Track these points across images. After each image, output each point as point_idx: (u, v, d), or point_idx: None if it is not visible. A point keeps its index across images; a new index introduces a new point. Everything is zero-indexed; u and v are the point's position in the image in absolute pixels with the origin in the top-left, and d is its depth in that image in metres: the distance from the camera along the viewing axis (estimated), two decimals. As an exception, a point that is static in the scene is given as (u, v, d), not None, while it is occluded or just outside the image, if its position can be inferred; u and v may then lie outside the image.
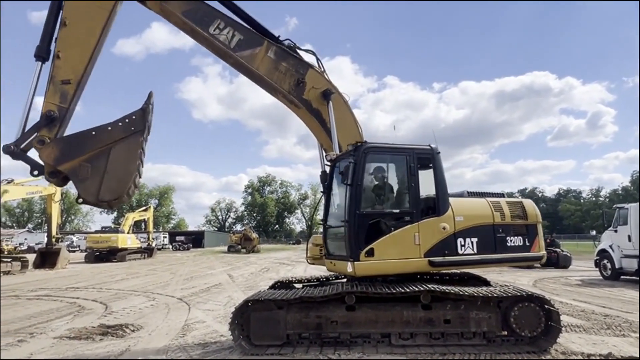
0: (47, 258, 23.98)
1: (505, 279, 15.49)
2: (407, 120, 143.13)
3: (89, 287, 14.11)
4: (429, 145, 6.45)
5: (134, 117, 5.59)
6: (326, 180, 6.90)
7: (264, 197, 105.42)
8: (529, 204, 6.92)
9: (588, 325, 7.32)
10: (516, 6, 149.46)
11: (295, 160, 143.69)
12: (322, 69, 6.85)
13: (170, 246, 63.40)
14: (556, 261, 20.22)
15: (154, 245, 40.30)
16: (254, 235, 47.09)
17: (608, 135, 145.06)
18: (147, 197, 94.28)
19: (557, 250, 20.88)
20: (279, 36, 6.72)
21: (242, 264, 25.79)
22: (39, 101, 5.73)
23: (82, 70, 5.79)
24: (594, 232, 20.47)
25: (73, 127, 5.92)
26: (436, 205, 6.21)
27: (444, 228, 6.13)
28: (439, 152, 6.46)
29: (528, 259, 6.68)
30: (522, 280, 14.63)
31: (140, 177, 5.71)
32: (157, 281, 16.06)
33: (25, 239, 57.42)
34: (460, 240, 6.19)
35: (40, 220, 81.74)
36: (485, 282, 6.81)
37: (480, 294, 5.62)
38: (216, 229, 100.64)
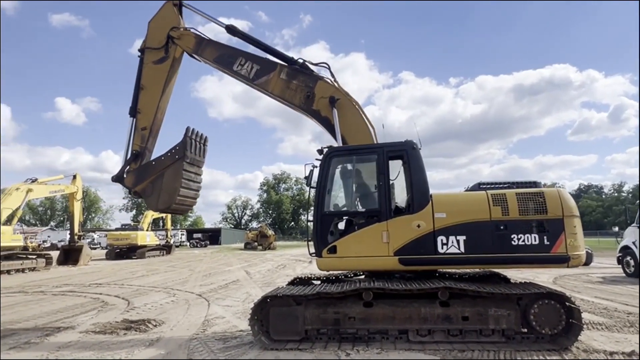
0: (70, 255, 24.63)
1: (525, 276, 15.29)
2: (423, 116, 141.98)
3: (110, 284, 14.46)
4: (404, 142, 6.35)
5: (177, 147, 7.42)
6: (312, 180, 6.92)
7: (280, 194, 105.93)
8: (552, 195, 5.90)
9: (610, 323, 7.20)
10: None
11: (311, 158, 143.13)
12: (333, 79, 7.15)
13: (188, 243, 64.36)
14: (577, 258, 19.85)
15: (172, 242, 40.96)
16: (270, 232, 47.44)
17: (631, 129, 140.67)
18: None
19: (578, 246, 20.49)
20: (293, 58, 7.34)
21: (259, 261, 26.03)
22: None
23: (152, 118, 7.94)
24: (616, 229, 19.95)
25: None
26: (410, 203, 6.11)
27: (418, 226, 5.96)
28: (415, 148, 6.29)
29: (546, 260, 5.75)
30: (542, 278, 14.43)
31: (193, 189, 7.63)
32: (176, 278, 16.35)
33: (49, 236, 58.99)
34: (441, 239, 5.87)
35: (62, 218, 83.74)
36: (506, 280, 6.70)
37: (499, 291, 5.56)
38: (232, 226, 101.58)
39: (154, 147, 8.08)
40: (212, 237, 71.49)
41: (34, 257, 21.34)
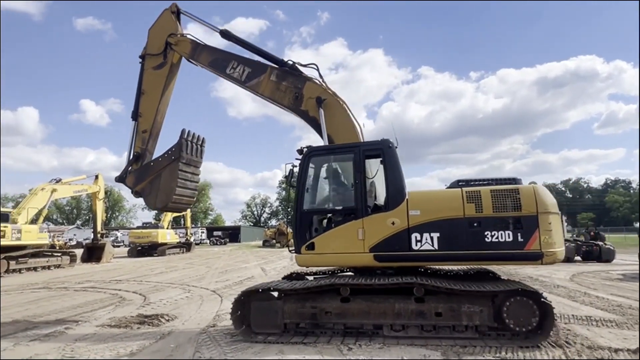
0: (93, 252, 25.41)
1: (541, 272, 15.07)
2: (443, 112, 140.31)
3: (130, 280, 14.91)
4: (380, 140, 6.44)
5: (173, 149, 7.80)
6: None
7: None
8: (527, 191, 5.82)
9: (622, 320, 7.08)
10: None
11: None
12: (321, 80, 7.32)
13: (208, 241, 65.38)
14: (598, 255, 19.44)
15: (192, 240, 41.70)
16: (288, 230, 47.77)
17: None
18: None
19: (599, 243, 20.03)
20: (284, 60, 7.48)
21: (276, 258, 26.32)
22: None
23: (152, 122, 8.34)
24: (637, 224, 19.44)
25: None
26: (386, 201, 6.19)
27: (392, 223, 6.02)
28: (391, 147, 6.34)
29: (519, 257, 5.70)
30: (559, 275, 14.21)
31: (190, 189, 8.02)
32: (193, 274, 16.72)
33: (75, 234, 60.86)
34: (415, 236, 5.93)
35: (87, 217, 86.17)
36: (494, 277, 6.75)
37: (472, 288, 5.60)
38: (252, 224, 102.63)
39: (154, 149, 8.46)
40: (232, 234, 72.43)
41: (59, 254, 22.12)
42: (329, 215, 6.56)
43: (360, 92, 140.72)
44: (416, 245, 5.92)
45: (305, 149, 6.65)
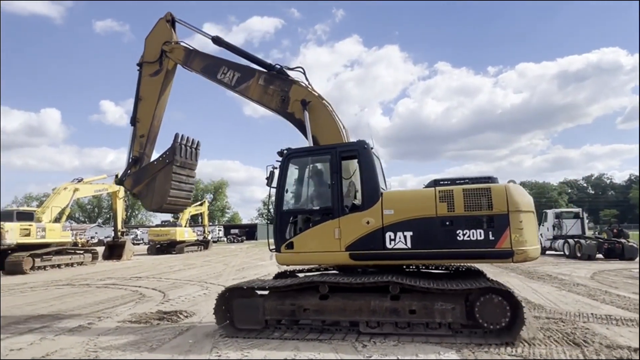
0: (114, 250, 25.98)
1: (561, 270, 14.84)
2: (460, 107, 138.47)
3: (149, 277, 15.24)
4: (356, 142, 6.62)
5: (167, 153, 8.17)
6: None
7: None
8: (498, 190, 5.83)
9: (643, 319, 6.93)
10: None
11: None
12: (307, 83, 7.48)
13: (225, 239, 66.15)
14: (621, 253, 18.99)
15: (209, 238, 42.29)
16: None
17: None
18: (203, 192, 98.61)
19: (622, 241, 19.56)
20: (272, 64, 7.68)
21: (292, 256, 26.44)
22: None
23: (149, 127, 8.65)
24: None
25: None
26: (362, 200, 6.33)
27: (367, 222, 6.13)
28: (366, 148, 6.47)
29: (490, 255, 5.76)
30: (580, 273, 13.95)
31: (185, 190, 8.36)
32: (211, 272, 16.98)
33: (96, 232, 62.26)
34: (389, 235, 6.05)
35: (108, 216, 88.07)
36: (478, 274, 6.85)
37: (445, 286, 5.68)
38: (268, 222, 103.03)
39: (152, 152, 8.80)
40: (249, 232, 73.08)
41: (82, 252, 22.73)
42: (308, 215, 6.73)
43: (376, 89, 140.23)
44: (390, 244, 6.05)
45: (285, 151, 6.86)
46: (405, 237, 6.00)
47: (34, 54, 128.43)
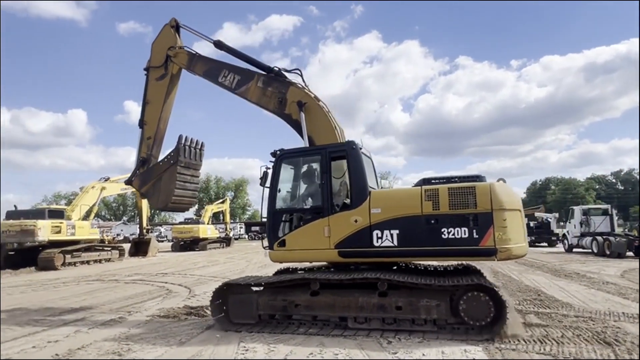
0: (139, 247, 26.69)
1: (589, 268, 14.49)
2: (483, 102, 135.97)
3: (175, 273, 15.60)
4: (345, 142, 6.79)
5: (172, 153, 8.46)
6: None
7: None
8: (483, 189, 5.86)
9: (678, 318, 6.73)
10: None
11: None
12: (304, 85, 7.64)
13: (246, 236, 66.86)
14: (652, 250, 18.37)
15: (231, 235, 42.83)
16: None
17: None
18: (224, 190, 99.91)
19: (653, 238, 18.92)
20: (270, 67, 7.85)
21: (313, 253, 26.56)
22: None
23: (155, 129, 8.92)
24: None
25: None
26: (350, 199, 6.48)
27: (355, 221, 6.27)
28: (355, 148, 6.62)
29: (474, 253, 5.84)
30: (609, 271, 13.60)
31: (190, 190, 8.68)
32: (234, 268, 17.25)
33: (122, 230, 63.93)
34: (376, 233, 6.17)
35: (133, 214, 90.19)
36: (468, 272, 6.88)
37: (430, 283, 5.82)
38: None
39: (159, 154, 9.09)
40: (269, 230, 73.32)
41: (109, 249, 23.41)
42: (299, 214, 6.93)
43: (396, 85, 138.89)
44: (377, 241, 6.19)
45: (278, 152, 7.07)
46: (391, 235, 6.13)
47: (60, 57, 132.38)
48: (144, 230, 27.57)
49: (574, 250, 22.98)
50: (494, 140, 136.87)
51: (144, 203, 27.38)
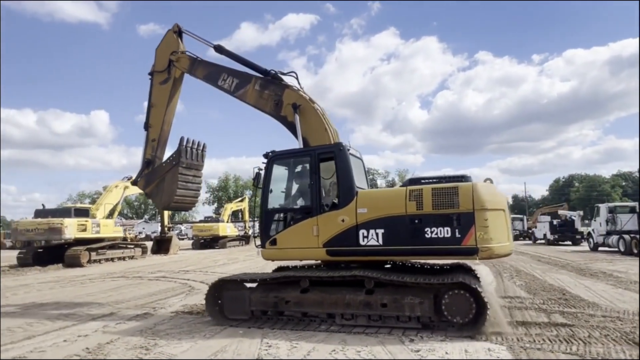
0: (161, 245, 27.11)
1: (616, 268, 14.12)
2: (503, 98, 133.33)
3: (196, 271, 15.86)
4: (333, 144, 6.97)
5: (174, 155, 8.78)
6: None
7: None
8: (465, 189, 5.95)
9: None
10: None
11: (382, 147, 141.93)
12: (299, 87, 7.80)
13: (265, 234, 67.19)
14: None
15: (250, 233, 43.25)
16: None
17: None
18: (242, 188, 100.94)
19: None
20: (267, 70, 8.00)
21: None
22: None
23: (160, 131, 9.24)
24: None
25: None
26: (338, 199, 6.67)
27: (342, 220, 6.43)
28: (342, 149, 6.78)
29: (456, 252, 5.96)
30: (637, 270, 13.20)
31: (192, 190, 9.01)
32: (253, 266, 17.42)
33: (143, 228, 65.31)
34: (362, 232, 6.32)
35: (154, 212, 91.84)
36: (466, 270, 7.16)
37: (413, 281, 5.98)
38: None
39: (163, 155, 9.36)
40: (287, 228, 73.72)
41: (132, 246, 23.95)
42: (290, 213, 7.16)
43: (414, 81, 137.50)
44: (363, 240, 6.34)
45: (270, 153, 7.28)
46: (377, 234, 6.27)
47: (83, 59, 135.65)
48: (165, 229, 28.04)
49: (600, 249, 22.42)
50: (515, 136, 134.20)
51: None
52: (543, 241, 31.58)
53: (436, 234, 5.99)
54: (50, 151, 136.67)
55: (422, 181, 6.49)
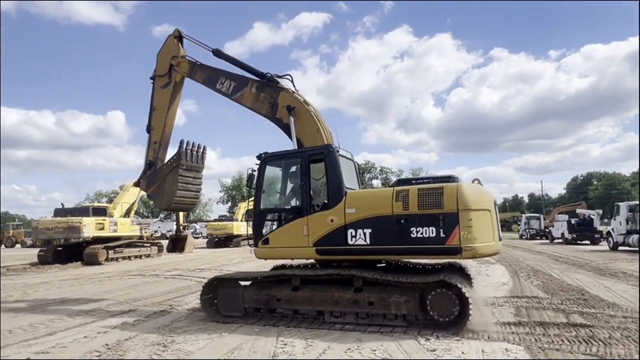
0: (177, 243, 27.35)
1: (637, 268, 13.78)
2: (519, 95, 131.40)
3: (212, 269, 16.03)
4: (322, 146, 7.14)
5: (174, 157, 9.08)
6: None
7: (365, 184, 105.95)
8: (450, 190, 6.00)
9: None
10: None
11: (396, 146, 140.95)
12: (294, 89, 7.97)
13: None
14: None
15: (264, 232, 43.40)
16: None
17: None
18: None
19: None
20: (263, 73, 8.19)
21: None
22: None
23: (161, 134, 9.51)
24: None
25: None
26: (327, 200, 6.80)
27: (331, 220, 6.57)
28: (332, 151, 6.93)
29: (440, 252, 6.05)
30: (659, 270, 12.89)
31: (192, 191, 9.32)
32: (268, 264, 17.46)
33: (159, 227, 65.91)
34: (351, 232, 6.45)
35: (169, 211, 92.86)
36: (455, 270, 7.31)
37: (398, 279, 6.12)
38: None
39: (164, 157, 9.60)
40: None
41: (149, 245, 24.28)
42: (281, 213, 7.33)
43: (428, 79, 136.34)
44: (351, 240, 6.47)
45: (262, 155, 7.46)
46: (364, 234, 6.39)
47: (100, 60, 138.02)
48: (181, 227, 28.30)
49: (620, 248, 21.93)
50: (532, 134, 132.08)
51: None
52: (560, 240, 31.04)
53: (421, 233, 6.09)
54: (68, 151, 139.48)
55: (413, 182, 6.60)
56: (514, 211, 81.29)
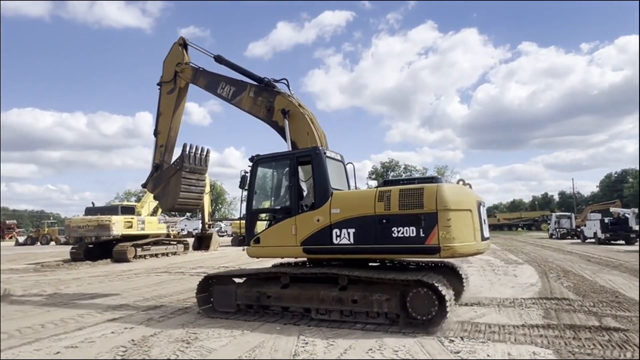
0: (202, 241, 27.88)
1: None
2: (549, 90, 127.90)
3: (235, 267, 16.20)
4: (310, 148, 7.28)
5: (178, 160, 9.33)
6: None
7: (379, 182, 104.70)
8: (430, 190, 6.09)
9: None
10: None
11: (420, 144, 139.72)
12: (290, 93, 8.17)
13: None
14: None
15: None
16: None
17: None
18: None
19: None
20: (261, 77, 8.42)
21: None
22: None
23: (167, 137, 9.80)
24: None
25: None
26: (314, 200, 6.95)
27: (317, 220, 6.74)
28: (319, 153, 7.08)
29: (419, 251, 6.15)
30: (700, 272, 12.25)
31: (195, 192, 9.51)
32: (290, 261, 17.56)
33: (185, 225, 67.33)
34: (335, 231, 6.60)
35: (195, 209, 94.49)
36: (451, 269, 7.73)
37: (379, 278, 6.23)
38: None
39: (170, 160, 9.84)
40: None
41: (175, 243, 24.82)
42: (272, 213, 7.58)
43: (453, 75, 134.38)
44: (336, 239, 6.63)
45: (254, 157, 7.68)
46: (348, 233, 6.54)
47: (129, 63, 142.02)
48: (206, 226, 28.84)
49: (657, 248, 20.97)
50: (562, 130, 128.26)
51: (206, 199, 28.44)
52: (593, 240, 29.95)
53: (402, 233, 6.17)
54: (99, 152, 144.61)
55: (401, 183, 6.66)
56: (543, 210, 78.99)
